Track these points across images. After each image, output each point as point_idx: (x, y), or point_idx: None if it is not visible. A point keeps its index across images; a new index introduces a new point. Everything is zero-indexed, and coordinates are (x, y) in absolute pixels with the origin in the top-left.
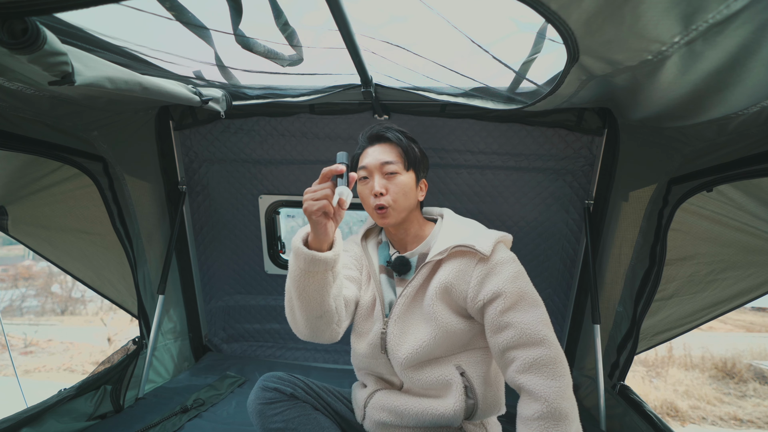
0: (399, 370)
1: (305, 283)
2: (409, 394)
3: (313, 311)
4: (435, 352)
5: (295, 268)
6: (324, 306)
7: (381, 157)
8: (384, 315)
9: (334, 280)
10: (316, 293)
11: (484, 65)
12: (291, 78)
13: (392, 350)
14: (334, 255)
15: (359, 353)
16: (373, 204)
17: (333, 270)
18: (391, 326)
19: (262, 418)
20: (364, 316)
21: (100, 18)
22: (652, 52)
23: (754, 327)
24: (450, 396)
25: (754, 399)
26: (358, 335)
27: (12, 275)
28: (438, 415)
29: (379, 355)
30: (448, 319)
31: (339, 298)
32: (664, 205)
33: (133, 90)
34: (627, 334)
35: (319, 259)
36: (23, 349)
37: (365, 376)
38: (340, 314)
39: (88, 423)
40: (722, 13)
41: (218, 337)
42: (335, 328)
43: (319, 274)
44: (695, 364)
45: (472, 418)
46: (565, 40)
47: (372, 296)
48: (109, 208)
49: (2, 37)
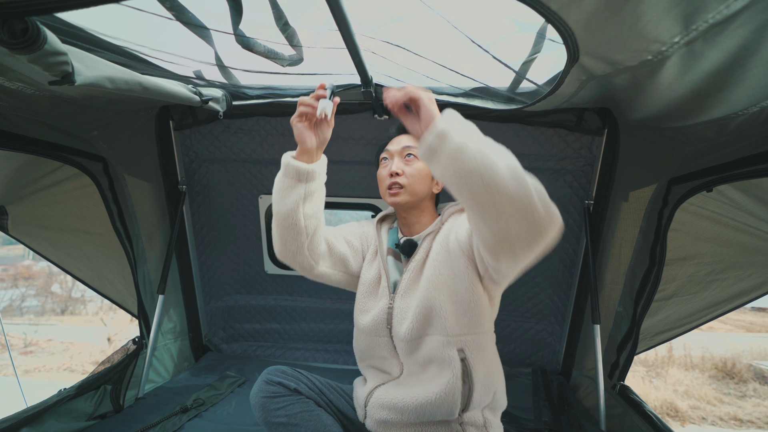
0: (401, 344)
1: (280, 186)
2: (408, 385)
3: (281, 215)
4: (431, 321)
5: (278, 174)
6: (294, 217)
7: (404, 143)
8: (390, 292)
9: (306, 196)
10: (287, 199)
11: (484, 65)
12: (291, 78)
13: (396, 325)
14: (307, 168)
15: (362, 328)
16: (387, 183)
17: (306, 184)
18: (398, 301)
19: (265, 411)
20: (367, 293)
21: (101, 18)
22: (652, 52)
23: (754, 327)
24: (445, 378)
25: (754, 399)
26: (362, 311)
27: (12, 275)
28: (435, 403)
29: (383, 331)
30: (447, 284)
31: (312, 220)
32: (664, 205)
33: (133, 90)
34: (627, 335)
35: (291, 165)
36: (23, 349)
37: (366, 369)
38: (312, 243)
39: (88, 423)
40: (722, 13)
41: (218, 337)
42: (306, 254)
43: (291, 181)
44: (695, 364)
45: (468, 407)
46: (565, 40)
47: (377, 273)
48: (109, 208)
49: (2, 36)
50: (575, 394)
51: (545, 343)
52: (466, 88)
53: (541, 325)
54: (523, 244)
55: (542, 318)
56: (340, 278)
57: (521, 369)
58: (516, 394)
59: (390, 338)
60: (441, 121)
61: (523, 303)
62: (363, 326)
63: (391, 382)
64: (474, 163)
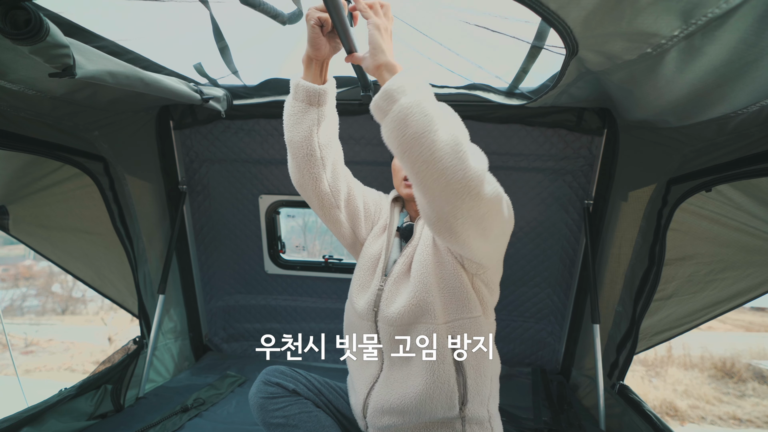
0: (386, 329)
1: (291, 111)
2: (397, 384)
3: (296, 144)
4: (420, 311)
5: (287, 99)
6: (308, 144)
7: None
8: (383, 274)
9: (320, 121)
10: (300, 125)
11: (483, 63)
12: (291, 70)
13: (383, 308)
14: (318, 88)
15: (355, 305)
16: (402, 175)
17: (318, 108)
18: (388, 285)
19: (263, 412)
20: (367, 268)
21: (97, 12)
22: (652, 45)
23: (754, 327)
24: (436, 366)
25: (753, 398)
26: (359, 287)
27: (13, 275)
28: (432, 395)
29: (369, 312)
30: (434, 271)
31: (328, 150)
32: (663, 205)
33: (134, 85)
34: (626, 334)
35: (301, 86)
36: (24, 349)
37: (351, 364)
38: (331, 171)
39: (89, 422)
40: (721, 8)
41: (218, 336)
42: (326, 188)
43: (301, 104)
44: (694, 363)
45: (467, 398)
46: (563, 37)
47: (379, 249)
48: (109, 207)
49: (5, 27)
50: (575, 393)
51: (545, 343)
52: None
53: (540, 324)
54: (459, 223)
55: (542, 318)
56: (347, 234)
57: (521, 368)
58: (516, 394)
59: (374, 322)
60: (394, 80)
61: (522, 303)
62: (357, 304)
63: (381, 384)
64: (416, 130)
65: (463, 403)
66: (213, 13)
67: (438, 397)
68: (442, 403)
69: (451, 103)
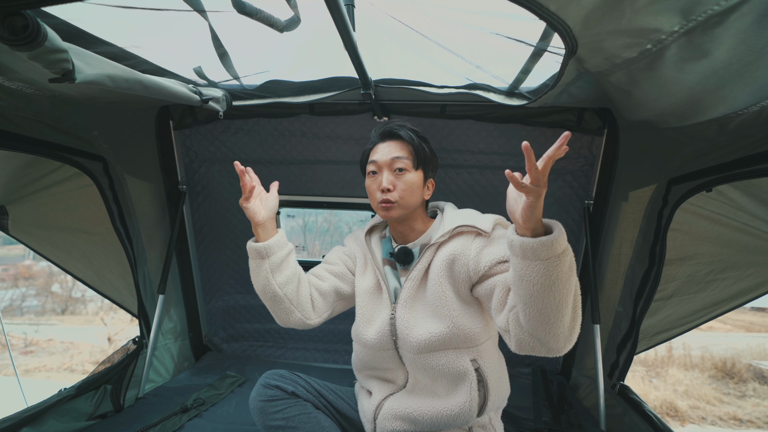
0: (410, 357)
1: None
2: (417, 395)
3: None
4: (450, 343)
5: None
6: (270, 289)
7: (391, 153)
8: (391, 302)
9: (273, 269)
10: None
11: (483, 64)
12: (290, 72)
13: (403, 335)
14: (262, 245)
15: (366, 342)
16: (379, 198)
17: (268, 259)
18: (400, 311)
19: (263, 415)
20: (370, 301)
21: (96, 15)
22: (652, 41)
23: (754, 327)
24: (462, 391)
25: (754, 399)
26: (366, 323)
27: (12, 275)
28: (453, 415)
29: (388, 342)
30: (455, 302)
31: (288, 287)
32: (663, 205)
33: (134, 88)
34: (627, 334)
35: (250, 247)
36: (23, 349)
37: (368, 380)
38: (298, 304)
39: (89, 423)
40: (721, 5)
41: (218, 336)
42: (298, 315)
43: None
44: (695, 364)
45: (482, 413)
46: (562, 37)
47: (374, 282)
48: (109, 207)
49: (3, 33)
50: (575, 393)
51: None
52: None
53: None
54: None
55: None
56: (343, 306)
57: (521, 369)
58: (516, 394)
59: (395, 350)
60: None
61: None
62: (368, 340)
63: (400, 393)
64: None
65: (479, 414)
66: (211, 23)
67: (459, 416)
68: (460, 420)
69: (451, 103)
